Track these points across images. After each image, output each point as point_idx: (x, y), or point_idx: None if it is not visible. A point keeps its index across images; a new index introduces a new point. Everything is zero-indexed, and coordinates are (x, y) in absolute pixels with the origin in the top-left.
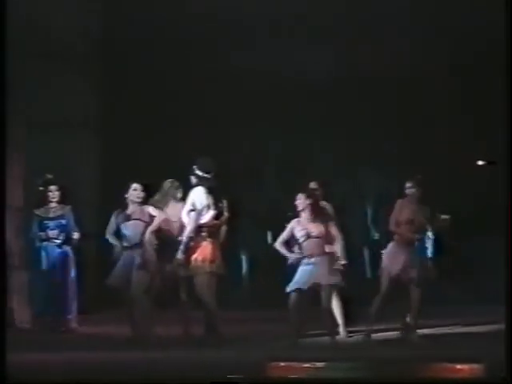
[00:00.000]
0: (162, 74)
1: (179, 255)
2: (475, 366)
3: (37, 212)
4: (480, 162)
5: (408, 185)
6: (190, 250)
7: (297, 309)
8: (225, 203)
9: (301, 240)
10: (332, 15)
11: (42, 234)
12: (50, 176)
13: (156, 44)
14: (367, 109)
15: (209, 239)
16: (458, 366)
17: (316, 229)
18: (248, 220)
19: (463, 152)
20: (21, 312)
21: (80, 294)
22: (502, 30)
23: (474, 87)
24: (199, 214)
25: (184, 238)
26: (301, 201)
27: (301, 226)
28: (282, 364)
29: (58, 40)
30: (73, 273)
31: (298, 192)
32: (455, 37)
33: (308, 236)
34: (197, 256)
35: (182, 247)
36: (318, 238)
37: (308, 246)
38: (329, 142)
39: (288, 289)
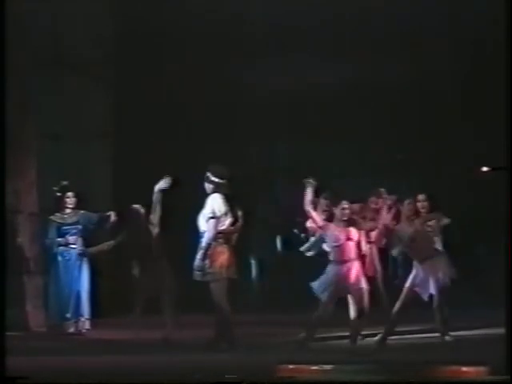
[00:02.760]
0: (176, 84)
1: (197, 262)
2: (481, 368)
3: (53, 218)
4: (485, 168)
5: None
6: (207, 257)
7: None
8: (239, 210)
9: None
10: (338, 27)
11: (60, 239)
12: (65, 182)
13: (170, 54)
14: (374, 117)
15: (225, 245)
16: (464, 369)
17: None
18: (260, 226)
19: (467, 158)
20: (36, 316)
21: (95, 299)
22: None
23: (476, 92)
24: (218, 220)
25: (203, 244)
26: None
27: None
28: (291, 366)
29: (72, 49)
30: (88, 277)
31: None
32: (457, 42)
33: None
34: (214, 262)
35: (200, 254)
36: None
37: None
38: (339, 151)
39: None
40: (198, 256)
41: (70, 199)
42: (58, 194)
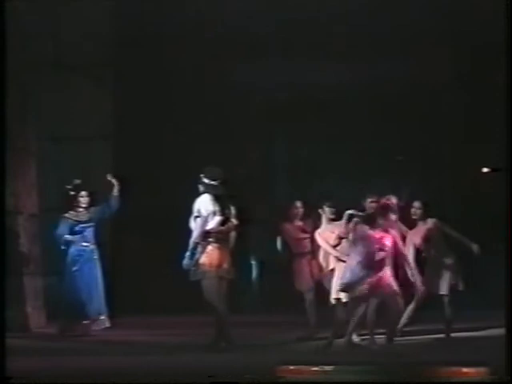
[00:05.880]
0: (176, 85)
1: (185, 261)
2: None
3: (68, 215)
4: (485, 170)
5: None
6: (196, 256)
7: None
8: (232, 210)
9: None
10: (337, 27)
11: (75, 237)
12: (78, 181)
13: (170, 55)
14: (373, 119)
15: (215, 245)
16: (464, 370)
17: None
18: (260, 226)
19: (467, 159)
20: (36, 317)
21: (110, 298)
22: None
23: (476, 92)
24: (205, 220)
25: (190, 243)
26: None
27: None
28: (292, 367)
29: (73, 51)
30: (100, 277)
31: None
32: (456, 42)
33: None
34: (203, 261)
35: (188, 253)
36: None
37: None
38: (336, 151)
39: None
40: (186, 255)
41: (84, 198)
42: (72, 192)
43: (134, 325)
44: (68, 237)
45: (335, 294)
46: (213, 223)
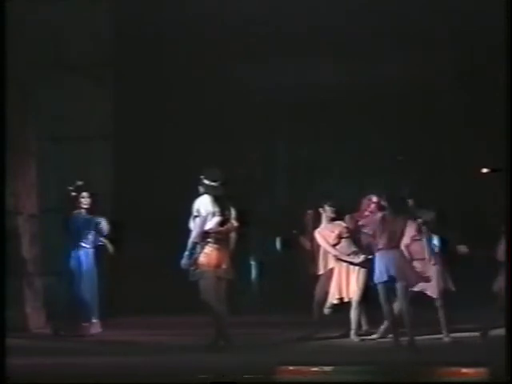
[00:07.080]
0: (175, 85)
1: (183, 260)
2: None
3: (77, 212)
4: (485, 170)
5: None
6: (194, 255)
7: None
8: (232, 211)
9: None
10: (336, 28)
11: (80, 236)
12: (80, 182)
13: (170, 55)
14: (373, 119)
15: (214, 245)
16: (464, 370)
17: None
18: (260, 227)
19: (466, 160)
20: (37, 317)
21: (103, 300)
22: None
23: (476, 93)
24: (203, 220)
25: (189, 243)
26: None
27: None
28: (292, 367)
29: (73, 51)
30: (97, 278)
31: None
32: (456, 42)
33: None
34: (201, 261)
35: (186, 252)
36: None
37: None
38: (336, 151)
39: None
40: (184, 255)
41: (86, 199)
42: (74, 193)
43: (134, 325)
44: (77, 233)
45: (337, 293)
46: (211, 223)
